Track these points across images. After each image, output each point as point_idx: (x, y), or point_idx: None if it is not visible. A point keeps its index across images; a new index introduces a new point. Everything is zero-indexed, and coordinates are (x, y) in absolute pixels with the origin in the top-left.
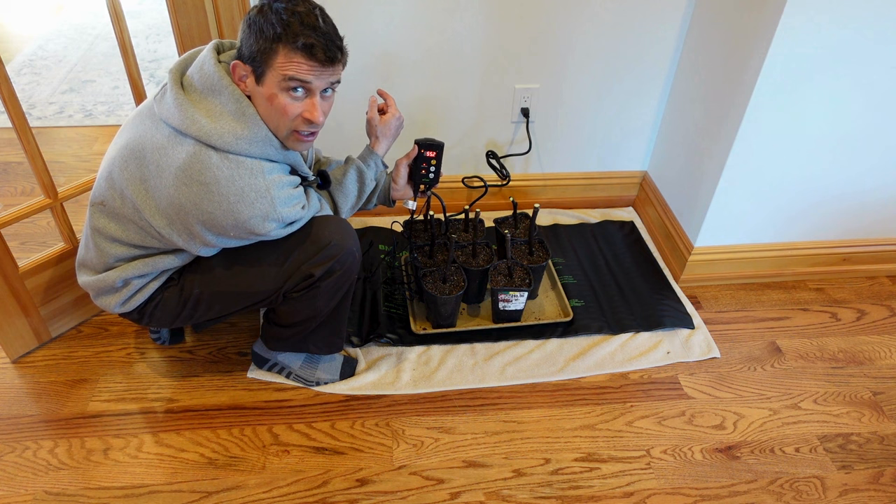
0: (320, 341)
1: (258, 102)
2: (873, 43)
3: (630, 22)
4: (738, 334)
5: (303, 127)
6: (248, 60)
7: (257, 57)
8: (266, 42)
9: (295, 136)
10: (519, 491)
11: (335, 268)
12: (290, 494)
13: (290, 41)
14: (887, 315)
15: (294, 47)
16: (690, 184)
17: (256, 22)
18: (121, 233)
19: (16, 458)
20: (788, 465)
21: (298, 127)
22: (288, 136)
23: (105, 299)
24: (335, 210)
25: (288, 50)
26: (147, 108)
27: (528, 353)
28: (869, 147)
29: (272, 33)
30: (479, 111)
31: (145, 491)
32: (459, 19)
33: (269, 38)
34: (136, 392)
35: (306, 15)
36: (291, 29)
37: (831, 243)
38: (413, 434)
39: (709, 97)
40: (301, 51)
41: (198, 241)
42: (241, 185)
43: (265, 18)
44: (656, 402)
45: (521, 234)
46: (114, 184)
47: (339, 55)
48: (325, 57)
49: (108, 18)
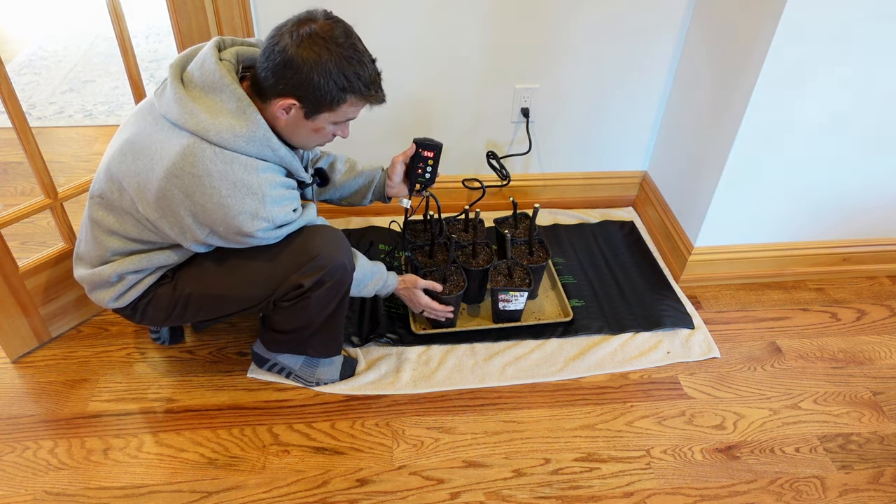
0: (318, 345)
1: (295, 128)
2: (873, 43)
3: (630, 22)
4: (738, 334)
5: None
6: (308, 101)
7: (322, 101)
8: (338, 93)
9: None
10: (519, 491)
11: (325, 279)
12: (290, 494)
13: (359, 93)
14: (887, 315)
15: (363, 99)
16: (690, 184)
17: (325, 69)
18: (118, 225)
19: (16, 458)
20: (788, 465)
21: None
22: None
23: (99, 293)
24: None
25: (356, 100)
26: (148, 104)
27: (528, 353)
28: (869, 147)
29: (345, 85)
30: (478, 111)
31: (145, 491)
32: (460, 19)
33: (340, 90)
34: (136, 392)
35: (369, 64)
36: (362, 82)
37: (831, 243)
38: (413, 434)
39: (709, 97)
40: (367, 101)
41: (189, 235)
42: (234, 180)
43: (336, 66)
44: (656, 402)
45: (521, 234)
46: (112, 176)
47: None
48: (381, 103)
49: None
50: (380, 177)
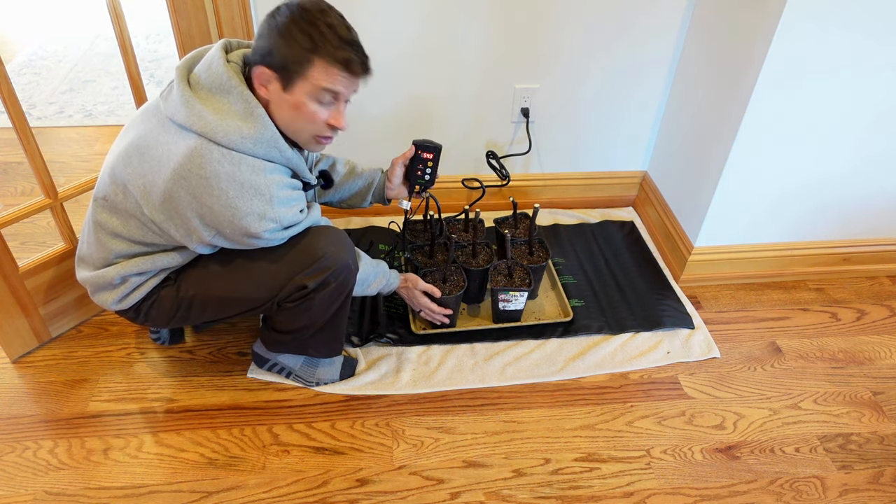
0: (319, 346)
1: (279, 108)
2: (874, 43)
3: (630, 22)
4: (738, 334)
5: (326, 132)
6: (278, 68)
7: (290, 66)
8: (302, 53)
9: (316, 139)
10: (519, 491)
11: (329, 280)
12: (290, 494)
13: (328, 54)
14: (887, 315)
15: (332, 60)
16: (690, 184)
17: (289, 31)
18: (122, 228)
19: (16, 458)
20: (788, 465)
21: (322, 132)
22: (309, 140)
23: (102, 295)
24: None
25: (325, 62)
26: (153, 105)
27: (528, 353)
28: (869, 147)
29: (309, 45)
30: (478, 111)
31: (145, 491)
32: (460, 19)
33: (305, 49)
34: (136, 392)
35: (340, 27)
36: (330, 42)
37: (831, 243)
38: (413, 434)
39: (709, 97)
40: (339, 64)
41: (194, 237)
42: (241, 181)
43: (298, 28)
44: (656, 402)
45: (521, 234)
46: (116, 179)
47: (370, 68)
48: (361, 71)
49: (108, 18)
50: (379, 179)
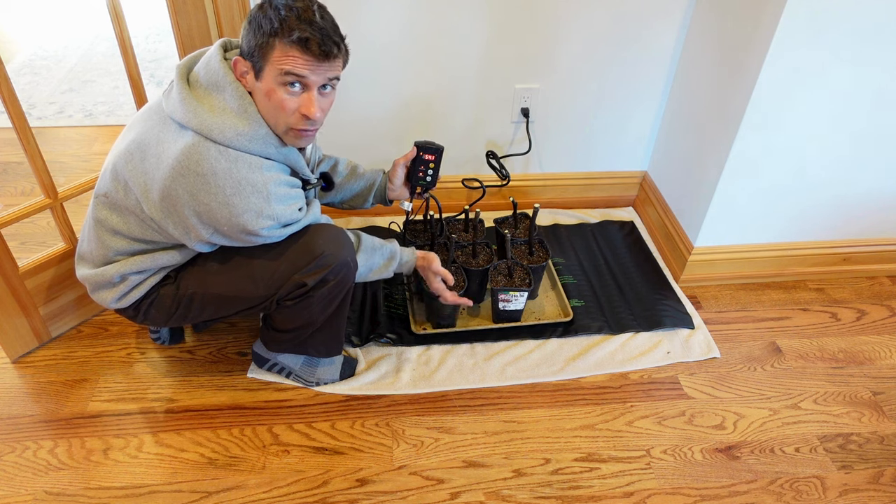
0: (319, 345)
1: (258, 98)
2: (873, 43)
3: (630, 22)
4: (738, 334)
5: (301, 123)
6: (248, 56)
7: (255, 52)
8: (263, 37)
9: (293, 132)
10: (519, 491)
11: (328, 278)
12: (290, 494)
13: (285, 35)
14: (887, 315)
15: (289, 41)
16: (690, 184)
17: (255, 18)
18: (122, 225)
19: (16, 458)
20: (788, 465)
21: (296, 123)
22: (286, 132)
23: (102, 294)
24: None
25: (283, 44)
26: (155, 104)
27: (528, 353)
28: (869, 147)
29: (269, 28)
30: (478, 111)
31: (145, 491)
32: (460, 18)
33: (266, 33)
34: (136, 392)
35: (303, 10)
36: (287, 23)
37: (831, 243)
38: (413, 434)
39: (709, 97)
40: (296, 44)
41: (193, 234)
42: (238, 178)
43: (264, 14)
44: (656, 402)
45: (521, 234)
46: (118, 176)
47: (334, 50)
48: (320, 51)
49: (108, 18)
50: (381, 180)
